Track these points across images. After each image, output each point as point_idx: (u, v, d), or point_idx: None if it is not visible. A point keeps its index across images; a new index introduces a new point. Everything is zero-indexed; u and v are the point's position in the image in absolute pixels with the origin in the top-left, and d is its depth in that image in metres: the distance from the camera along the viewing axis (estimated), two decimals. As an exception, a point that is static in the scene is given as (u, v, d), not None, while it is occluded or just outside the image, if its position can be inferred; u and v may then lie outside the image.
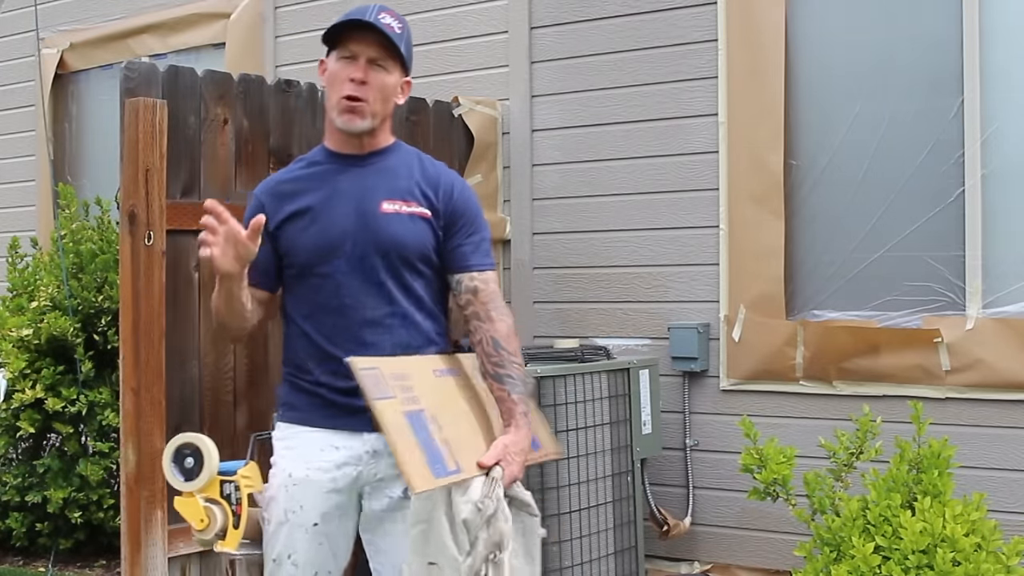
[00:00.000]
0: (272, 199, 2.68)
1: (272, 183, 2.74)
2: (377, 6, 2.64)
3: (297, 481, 2.58)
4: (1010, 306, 4.08)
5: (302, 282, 2.64)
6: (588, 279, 4.93)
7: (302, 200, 2.65)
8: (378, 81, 2.62)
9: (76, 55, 6.86)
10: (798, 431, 4.31)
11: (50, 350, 5.07)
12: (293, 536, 2.57)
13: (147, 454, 3.59)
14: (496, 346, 2.63)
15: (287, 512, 2.57)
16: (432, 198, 2.69)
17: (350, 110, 2.61)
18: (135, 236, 3.60)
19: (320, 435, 2.61)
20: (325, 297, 2.61)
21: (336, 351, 2.58)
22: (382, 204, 2.64)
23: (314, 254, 2.61)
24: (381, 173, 2.69)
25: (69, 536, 5.23)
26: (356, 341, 2.59)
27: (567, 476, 4.00)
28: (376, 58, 2.61)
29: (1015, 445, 4.07)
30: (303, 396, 2.64)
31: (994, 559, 3.26)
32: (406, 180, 2.69)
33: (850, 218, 4.40)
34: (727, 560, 4.62)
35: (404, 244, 2.64)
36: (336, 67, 2.63)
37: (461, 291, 2.70)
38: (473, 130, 5.04)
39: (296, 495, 2.57)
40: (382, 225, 2.62)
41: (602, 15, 4.92)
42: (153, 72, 3.76)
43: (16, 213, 7.01)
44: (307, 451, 2.60)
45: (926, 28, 4.26)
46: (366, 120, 2.63)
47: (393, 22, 2.63)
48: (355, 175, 2.67)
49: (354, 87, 2.59)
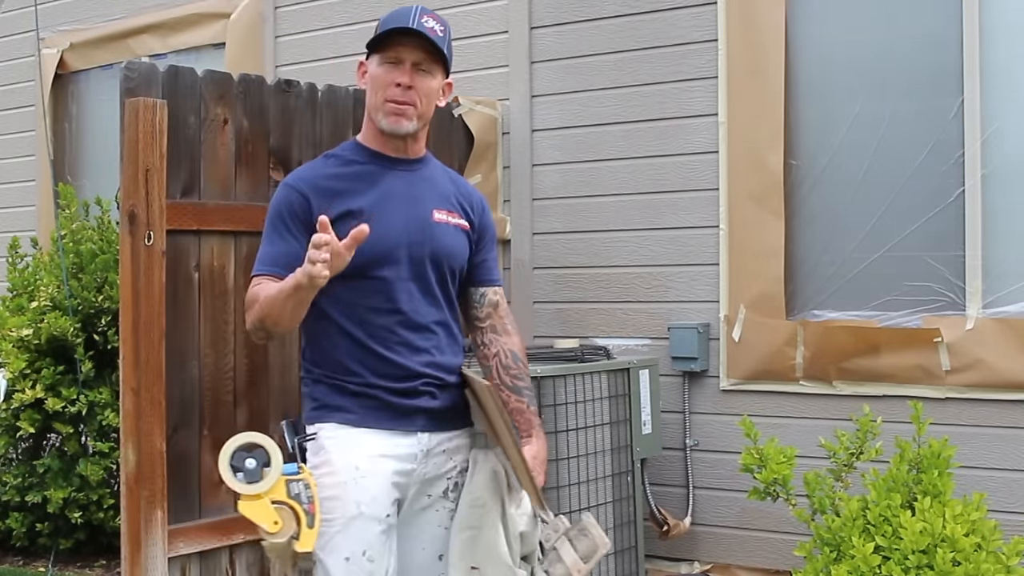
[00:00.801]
0: (317, 196, 2.58)
1: (312, 178, 2.64)
2: (419, 8, 2.62)
3: (366, 473, 2.53)
4: (1010, 306, 4.08)
5: (351, 283, 2.56)
6: (588, 279, 4.93)
7: (352, 200, 2.59)
8: (424, 85, 2.61)
9: (76, 55, 6.86)
10: (798, 431, 4.31)
11: (50, 350, 5.08)
12: (367, 530, 2.52)
13: (147, 454, 3.59)
14: (515, 359, 2.76)
15: (359, 504, 2.52)
16: (469, 212, 2.75)
17: (397, 112, 2.60)
18: (135, 236, 3.60)
19: (377, 436, 2.58)
20: (379, 300, 2.59)
21: (388, 353, 2.58)
22: (434, 213, 2.66)
23: (371, 257, 2.55)
24: (427, 181, 2.71)
25: (69, 536, 5.23)
26: (407, 345, 2.60)
27: (567, 476, 4.00)
28: (420, 62, 2.60)
29: (1015, 445, 4.08)
30: (352, 398, 2.60)
31: (994, 559, 3.26)
32: (447, 191, 2.73)
33: (850, 218, 4.40)
34: (727, 560, 4.62)
35: (454, 255, 2.69)
36: (379, 71, 2.61)
37: (484, 304, 2.77)
38: (473, 130, 5.04)
39: (367, 486, 2.53)
40: (437, 234, 2.65)
41: (602, 15, 4.92)
42: (153, 72, 3.76)
43: (16, 213, 7.01)
44: (368, 447, 2.57)
45: (926, 28, 4.27)
46: (412, 122, 2.63)
47: (436, 25, 2.62)
48: (404, 179, 2.67)
49: (401, 92, 2.59)
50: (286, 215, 2.59)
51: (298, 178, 2.65)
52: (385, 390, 2.59)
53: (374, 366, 2.59)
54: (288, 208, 2.59)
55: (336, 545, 2.51)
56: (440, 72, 2.66)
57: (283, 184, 2.65)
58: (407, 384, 2.59)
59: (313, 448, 2.59)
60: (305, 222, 2.55)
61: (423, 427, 2.62)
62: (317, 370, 2.64)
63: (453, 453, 2.67)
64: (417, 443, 2.62)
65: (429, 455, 2.63)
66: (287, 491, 2.40)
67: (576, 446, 4.03)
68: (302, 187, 2.61)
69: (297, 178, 2.65)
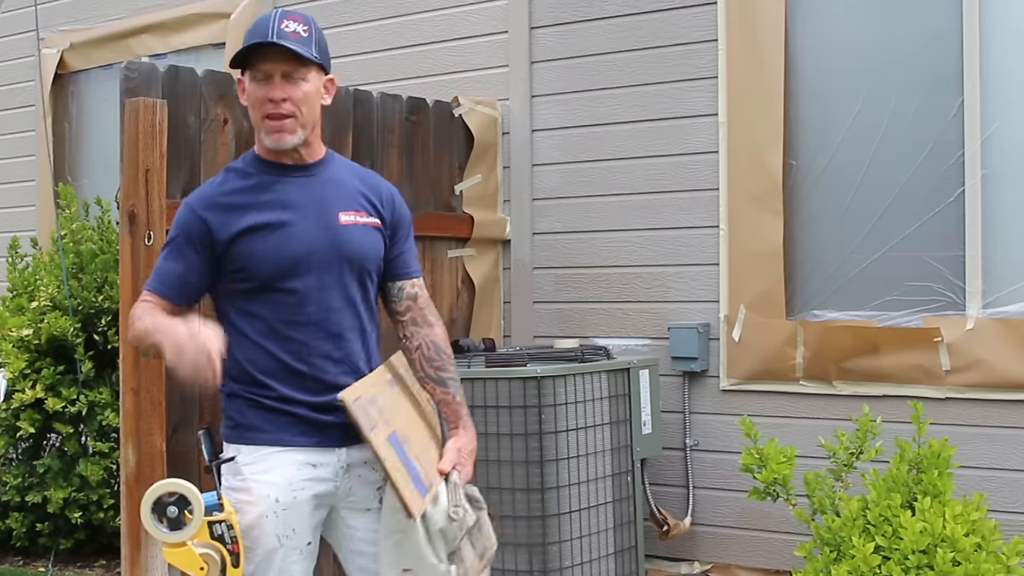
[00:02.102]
0: (216, 214, 2.55)
1: (209, 196, 2.60)
2: (279, 12, 2.56)
3: (286, 506, 2.51)
4: (1010, 306, 4.08)
5: (260, 297, 2.55)
6: (588, 279, 4.93)
7: (254, 213, 2.55)
8: (298, 93, 2.55)
9: (76, 55, 6.86)
10: (798, 431, 4.31)
11: (50, 350, 5.08)
12: (288, 560, 2.53)
13: (147, 454, 3.59)
14: (437, 350, 2.71)
15: (280, 538, 2.50)
16: (379, 206, 2.69)
17: (277, 129, 2.55)
18: (135, 236, 3.60)
19: (294, 454, 2.54)
20: (290, 312, 2.55)
21: (302, 367, 2.55)
22: (340, 216, 2.61)
23: (279, 268, 2.53)
24: (329, 184, 2.64)
25: (69, 536, 5.23)
26: (323, 356, 2.56)
27: (567, 476, 4.00)
28: (290, 71, 2.54)
29: (1015, 445, 4.07)
30: (267, 414, 2.55)
31: (994, 559, 3.26)
32: (352, 190, 2.67)
33: (850, 218, 4.39)
34: (727, 560, 4.62)
35: (366, 256, 2.63)
36: (252, 88, 2.56)
37: (402, 297, 2.73)
38: (473, 130, 5.04)
39: (287, 520, 2.51)
40: (345, 237, 2.60)
41: (602, 15, 4.92)
42: (153, 72, 3.76)
43: (16, 213, 7.01)
44: (286, 472, 2.53)
45: (926, 27, 4.26)
46: (296, 135, 2.57)
47: (299, 27, 2.54)
48: (303, 185, 2.61)
49: (274, 107, 2.54)
50: (182, 237, 2.57)
51: (197, 199, 2.62)
52: (302, 404, 2.55)
53: (290, 380, 2.54)
54: (185, 230, 2.56)
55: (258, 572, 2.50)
56: (315, 73, 2.58)
57: (184, 204, 2.62)
58: (324, 398, 2.53)
59: (230, 469, 2.55)
60: (201, 243, 2.55)
61: (340, 441, 2.56)
62: (233, 384, 2.59)
63: (374, 462, 2.57)
64: (337, 460, 2.57)
65: (350, 469, 2.59)
66: (210, 532, 2.38)
67: (576, 446, 4.03)
68: (199, 209, 2.58)
69: (197, 199, 2.62)
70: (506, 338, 5.10)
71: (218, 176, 2.67)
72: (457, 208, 5.02)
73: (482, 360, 4.15)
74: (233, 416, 2.59)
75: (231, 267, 2.55)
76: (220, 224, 2.54)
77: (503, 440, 3.94)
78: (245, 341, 2.56)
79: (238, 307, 2.57)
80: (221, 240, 2.54)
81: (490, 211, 5.10)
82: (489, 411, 3.96)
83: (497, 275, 5.12)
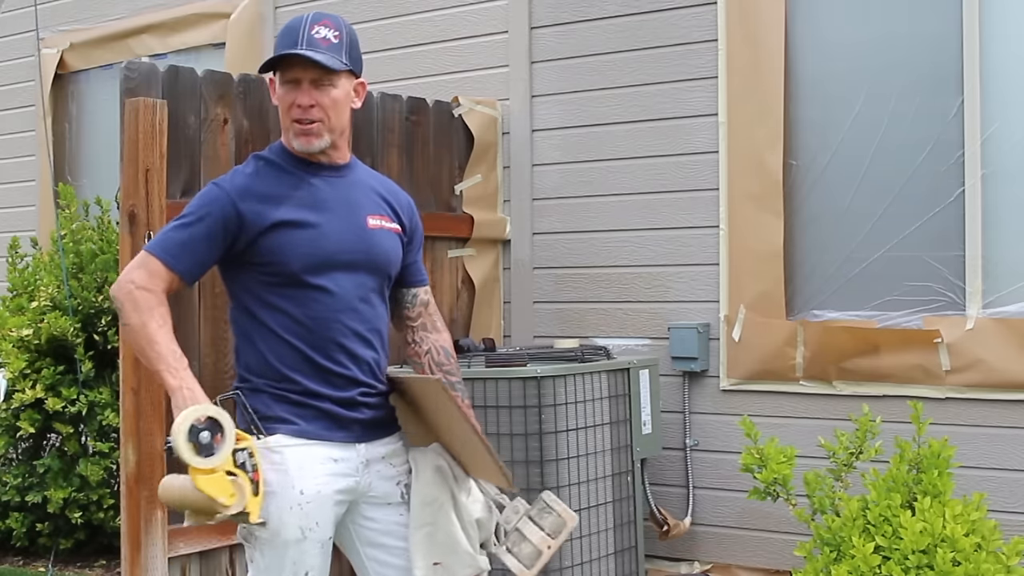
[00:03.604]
0: (251, 205, 2.54)
1: (244, 187, 2.58)
2: (310, 17, 2.57)
3: (311, 499, 2.53)
4: (1010, 306, 4.08)
5: (285, 291, 2.56)
6: (588, 279, 4.93)
7: (286, 208, 2.56)
8: (326, 100, 2.56)
9: (76, 55, 6.86)
10: (798, 431, 4.31)
11: (50, 350, 5.08)
12: (309, 552, 2.54)
13: (147, 454, 3.59)
14: (447, 355, 2.79)
15: (304, 530, 2.52)
16: (400, 213, 2.74)
17: (304, 133, 2.57)
18: (135, 236, 3.60)
19: (318, 448, 2.56)
20: (317, 309, 2.57)
21: (327, 363, 2.57)
22: (368, 219, 2.65)
23: (309, 265, 2.55)
24: (357, 187, 2.68)
25: (69, 536, 5.23)
26: (346, 353, 2.59)
27: (567, 476, 4.00)
28: (318, 78, 2.55)
29: (1015, 445, 4.07)
30: (293, 408, 2.57)
31: (994, 559, 3.26)
32: (376, 195, 2.71)
33: (850, 218, 4.39)
34: (727, 560, 4.62)
35: (391, 260, 2.68)
36: (282, 92, 2.58)
37: (416, 304, 2.79)
38: (473, 130, 5.04)
39: (311, 512, 2.53)
40: (373, 241, 2.64)
41: (602, 15, 4.92)
42: (153, 72, 3.76)
43: (16, 213, 7.01)
44: (311, 465, 2.55)
45: (926, 28, 4.26)
46: (323, 139, 2.59)
47: (329, 32, 2.55)
48: (334, 185, 2.64)
49: (302, 112, 2.56)
50: (214, 219, 2.53)
51: (233, 186, 2.58)
52: (327, 399, 2.57)
53: (315, 375, 2.56)
54: (221, 213, 2.53)
55: (277, 560, 2.51)
56: (344, 79, 2.60)
57: (218, 187, 2.58)
58: (348, 394, 2.57)
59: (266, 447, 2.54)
60: (227, 230, 2.52)
61: (359, 437, 2.60)
62: (256, 379, 2.59)
63: (392, 458, 2.64)
64: (357, 455, 2.60)
65: (369, 465, 2.61)
66: (233, 460, 2.39)
67: (576, 446, 4.03)
68: (236, 198, 2.54)
69: (232, 186, 2.58)
70: (506, 338, 5.10)
71: (248, 166, 2.65)
72: (457, 208, 5.02)
73: (482, 360, 4.15)
74: (259, 409, 2.59)
75: (258, 259, 2.56)
76: (255, 215, 2.53)
77: (503, 440, 3.94)
78: (269, 334, 2.57)
79: (262, 300, 2.57)
80: (252, 231, 2.54)
81: (490, 211, 5.10)
82: (489, 411, 3.96)
83: (497, 275, 5.12)
